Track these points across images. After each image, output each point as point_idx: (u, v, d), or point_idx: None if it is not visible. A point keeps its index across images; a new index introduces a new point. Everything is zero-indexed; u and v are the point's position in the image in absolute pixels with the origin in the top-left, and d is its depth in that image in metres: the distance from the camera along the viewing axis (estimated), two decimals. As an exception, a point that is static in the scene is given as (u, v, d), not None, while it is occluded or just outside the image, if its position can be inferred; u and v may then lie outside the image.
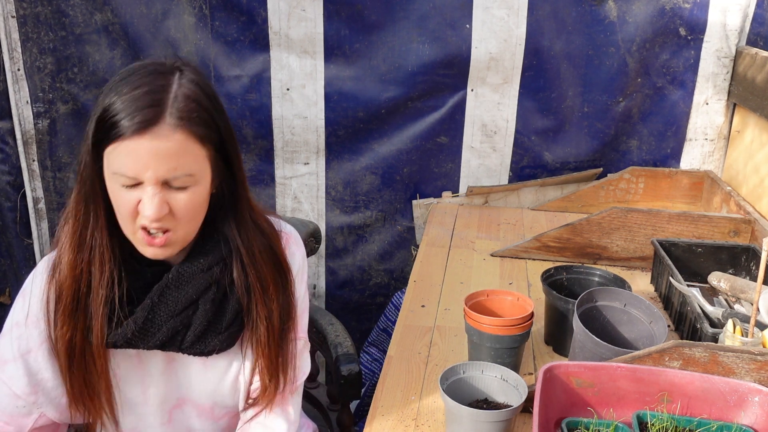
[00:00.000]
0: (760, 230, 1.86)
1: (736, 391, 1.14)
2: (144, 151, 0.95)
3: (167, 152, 0.96)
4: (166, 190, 0.99)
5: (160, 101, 0.96)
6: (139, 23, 2.17)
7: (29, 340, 1.06)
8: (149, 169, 0.96)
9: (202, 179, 1.02)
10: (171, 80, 0.98)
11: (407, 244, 2.51)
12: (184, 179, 0.99)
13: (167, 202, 0.99)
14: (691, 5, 2.25)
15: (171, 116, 0.96)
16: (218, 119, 1.03)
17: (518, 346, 1.37)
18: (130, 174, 0.96)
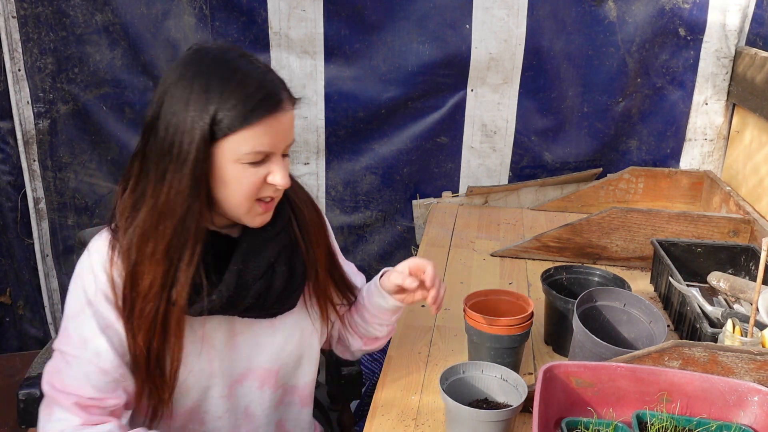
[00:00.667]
0: (759, 230, 1.86)
1: (736, 391, 1.14)
2: (280, 127, 1.08)
3: (289, 124, 1.11)
4: (282, 160, 1.12)
5: (273, 81, 1.09)
6: (140, 23, 2.17)
7: (106, 315, 1.09)
8: (282, 140, 1.10)
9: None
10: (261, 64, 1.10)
11: (407, 244, 2.51)
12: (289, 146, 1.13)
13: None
14: (691, 5, 2.25)
15: (286, 96, 1.10)
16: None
17: (518, 346, 1.37)
18: (267, 150, 1.07)
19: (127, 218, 1.09)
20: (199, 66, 1.06)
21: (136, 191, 1.10)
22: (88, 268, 1.11)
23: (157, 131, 1.06)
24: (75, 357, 1.08)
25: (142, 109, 2.26)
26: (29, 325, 2.46)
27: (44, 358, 1.45)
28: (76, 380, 1.08)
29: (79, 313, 1.10)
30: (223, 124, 1.04)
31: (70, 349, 1.09)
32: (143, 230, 1.07)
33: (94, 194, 2.35)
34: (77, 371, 1.08)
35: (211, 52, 1.08)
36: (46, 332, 2.47)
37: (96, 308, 1.09)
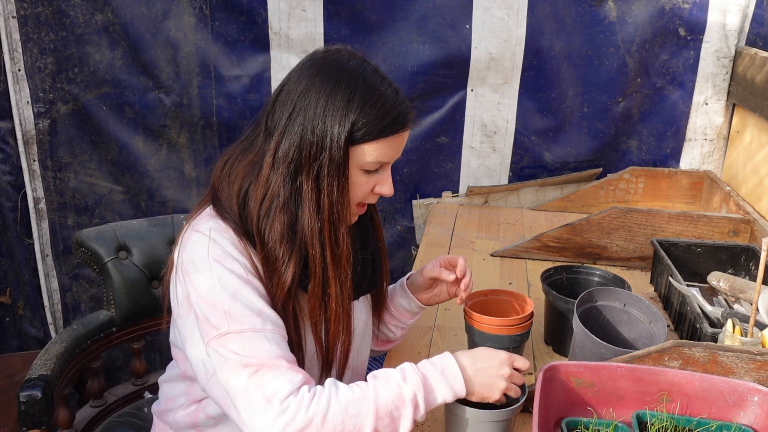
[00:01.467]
0: (759, 230, 1.86)
1: (736, 391, 1.14)
2: (398, 144, 1.18)
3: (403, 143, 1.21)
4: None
5: (404, 102, 1.17)
6: (140, 23, 2.17)
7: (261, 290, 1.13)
8: (398, 154, 1.21)
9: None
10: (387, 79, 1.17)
11: (407, 244, 2.51)
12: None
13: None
14: (691, 5, 2.25)
15: (412, 112, 1.20)
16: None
17: (518, 346, 1.37)
18: (387, 160, 1.18)
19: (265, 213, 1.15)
20: (340, 76, 1.13)
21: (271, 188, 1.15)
22: (224, 253, 1.12)
23: (294, 134, 1.13)
24: (257, 331, 1.08)
25: (142, 110, 2.26)
26: (29, 325, 2.46)
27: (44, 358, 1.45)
28: (272, 350, 1.08)
29: (240, 290, 1.10)
30: (359, 134, 1.12)
31: (248, 326, 1.08)
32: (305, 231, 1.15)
33: (94, 194, 2.35)
34: (268, 342, 1.08)
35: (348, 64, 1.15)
36: (46, 332, 2.47)
37: (253, 284, 1.12)
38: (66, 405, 1.54)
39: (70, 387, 1.57)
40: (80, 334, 1.56)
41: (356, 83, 1.13)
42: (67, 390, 1.53)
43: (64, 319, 2.47)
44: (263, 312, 1.10)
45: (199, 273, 1.11)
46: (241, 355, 1.06)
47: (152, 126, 2.29)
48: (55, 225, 2.36)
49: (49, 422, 1.38)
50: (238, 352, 1.06)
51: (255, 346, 1.07)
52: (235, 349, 1.07)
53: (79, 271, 2.43)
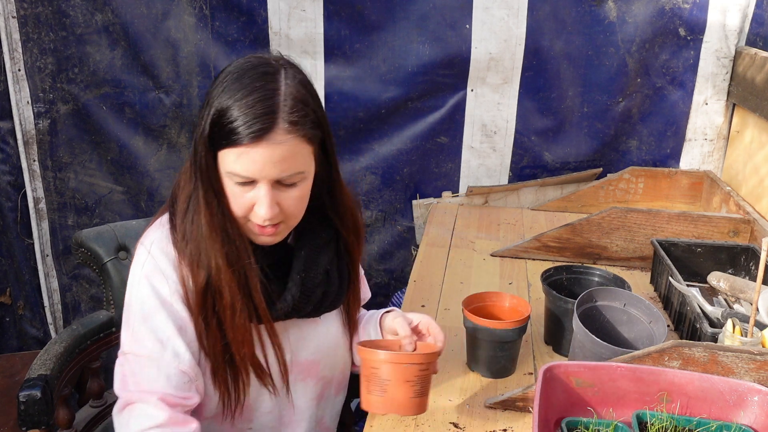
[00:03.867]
0: (759, 230, 1.86)
1: (736, 391, 1.14)
2: (260, 157, 1.02)
3: (281, 156, 1.03)
4: (277, 188, 1.07)
5: (273, 107, 1.02)
6: (140, 23, 2.17)
7: (182, 315, 1.09)
8: (264, 172, 1.03)
9: (309, 174, 1.11)
10: (279, 81, 1.04)
11: (407, 244, 2.51)
12: (294, 177, 1.07)
13: (278, 202, 1.07)
14: (691, 5, 2.25)
15: (284, 121, 1.02)
16: (321, 116, 1.10)
17: (513, 341, 1.40)
18: (246, 175, 1.04)
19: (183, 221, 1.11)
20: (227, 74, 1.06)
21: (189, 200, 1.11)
22: (156, 268, 1.10)
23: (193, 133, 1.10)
24: (153, 359, 1.08)
25: (142, 109, 2.26)
26: (29, 325, 2.46)
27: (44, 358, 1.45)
28: (157, 381, 1.07)
29: (154, 314, 1.09)
30: (220, 137, 1.04)
31: (146, 351, 1.07)
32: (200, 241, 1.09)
33: (94, 194, 2.35)
34: (157, 373, 1.07)
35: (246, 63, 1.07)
36: (46, 332, 2.47)
37: (172, 308, 1.09)
38: (66, 405, 1.53)
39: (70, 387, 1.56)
40: (80, 334, 1.56)
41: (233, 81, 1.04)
42: (67, 390, 1.53)
43: (64, 319, 2.48)
44: (169, 341, 1.08)
45: (130, 286, 1.12)
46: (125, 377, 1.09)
47: (152, 126, 2.29)
48: (55, 225, 2.37)
49: (49, 422, 1.38)
50: (124, 374, 1.09)
51: (140, 373, 1.07)
52: (125, 369, 1.09)
53: (79, 271, 2.43)
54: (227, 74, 1.05)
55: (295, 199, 1.09)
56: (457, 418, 1.29)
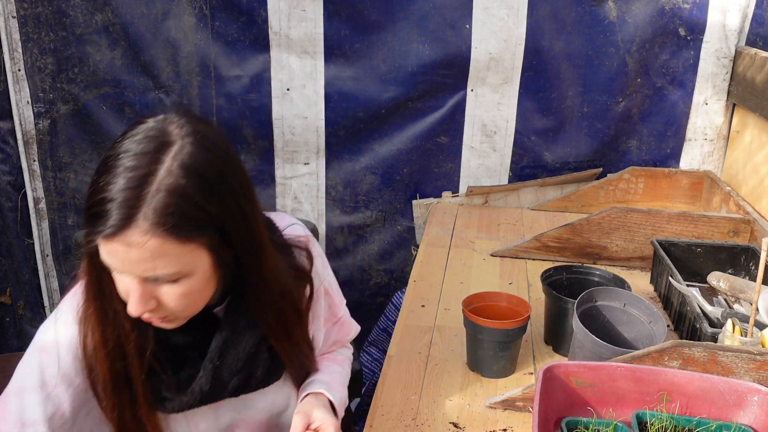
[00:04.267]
0: (759, 230, 1.86)
1: (736, 391, 1.14)
2: (115, 255, 0.87)
3: (139, 258, 0.86)
4: (152, 283, 0.91)
5: (136, 200, 0.84)
6: (140, 23, 2.17)
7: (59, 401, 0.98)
8: (123, 269, 0.89)
9: (196, 269, 0.92)
10: (159, 165, 0.86)
11: (407, 244, 2.51)
12: (166, 277, 0.90)
13: (154, 297, 0.92)
14: (691, 5, 2.25)
15: (145, 219, 0.84)
16: (215, 205, 0.90)
17: (512, 341, 1.40)
18: (109, 266, 0.90)
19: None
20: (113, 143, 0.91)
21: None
22: (53, 344, 0.97)
23: None
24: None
25: (142, 109, 2.26)
26: (29, 325, 2.46)
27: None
28: None
29: (27, 393, 0.97)
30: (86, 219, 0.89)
31: (5, 426, 0.97)
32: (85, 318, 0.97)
33: (94, 194, 2.35)
34: None
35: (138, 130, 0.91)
36: (46, 332, 2.47)
37: (50, 393, 0.97)
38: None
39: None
40: (80, 334, 1.56)
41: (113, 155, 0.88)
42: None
43: (64, 319, 2.47)
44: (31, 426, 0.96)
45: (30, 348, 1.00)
46: None
47: (152, 126, 2.29)
48: (55, 225, 2.37)
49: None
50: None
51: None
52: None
53: (79, 271, 2.43)
54: (114, 142, 0.91)
55: (177, 296, 0.92)
56: (457, 418, 1.29)
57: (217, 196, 0.90)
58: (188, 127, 0.90)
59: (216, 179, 0.90)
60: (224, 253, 0.95)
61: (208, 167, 0.89)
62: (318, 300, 1.20)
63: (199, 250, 0.90)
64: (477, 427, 1.27)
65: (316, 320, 1.20)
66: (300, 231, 1.18)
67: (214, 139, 0.92)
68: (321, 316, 1.22)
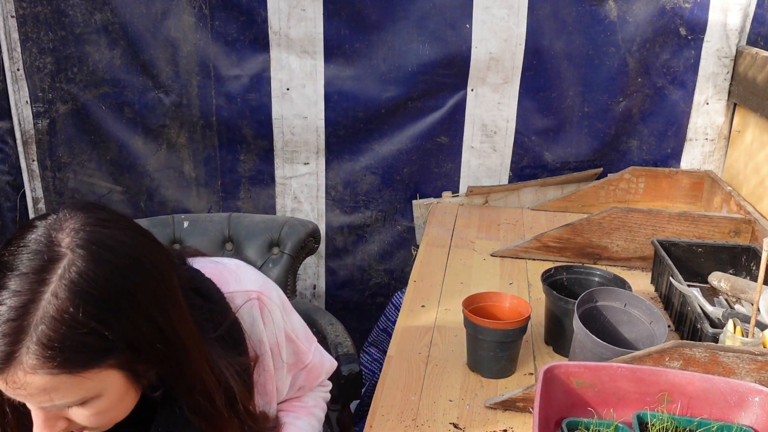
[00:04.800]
0: (760, 230, 1.86)
1: (737, 392, 1.13)
2: (6, 389, 0.77)
3: (30, 394, 0.76)
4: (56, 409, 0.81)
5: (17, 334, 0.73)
6: (139, 23, 2.17)
7: None
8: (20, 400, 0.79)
9: (105, 390, 0.81)
10: (44, 288, 0.74)
11: (407, 244, 2.51)
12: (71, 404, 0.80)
13: (63, 417, 0.82)
14: (692, 5, 2.24)
15: (27, 354, 0.74)
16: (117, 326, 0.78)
17: (513, 341, 1.40)
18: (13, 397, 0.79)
19: None
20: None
21: None
22: None
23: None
24: None
25: (141, 109, 2.26)
26: (28, 325, 2.46)
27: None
28: None
29: None
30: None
31: None
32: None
33: (93, 194, 2.35)
34: None
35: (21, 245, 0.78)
36: (46, 332, 2.47)
37: None
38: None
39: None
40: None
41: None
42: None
43: (63, 319, 2.47)
44: None
45: None
46: None
47: (151, 126, 2.29)
48: (55, 225, 2.36)
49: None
50: None
51: None
52: None
53: (79, 271, 2.42)
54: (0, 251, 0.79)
55: (87, 416, 0.82)
56: (457, 419, 1.29)
57: (120, 316, 0.78)
58: (82, 234, 0.77)
59: (116, 297, 0.77)
60: (140, 366, 0.84)
61: (104, 285, 0.76)
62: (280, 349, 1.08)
63: (104, 372, 0.79)
64: (477, 427, 1.26)
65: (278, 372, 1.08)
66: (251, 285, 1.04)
67: (115, 245, 0.79)
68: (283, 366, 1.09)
